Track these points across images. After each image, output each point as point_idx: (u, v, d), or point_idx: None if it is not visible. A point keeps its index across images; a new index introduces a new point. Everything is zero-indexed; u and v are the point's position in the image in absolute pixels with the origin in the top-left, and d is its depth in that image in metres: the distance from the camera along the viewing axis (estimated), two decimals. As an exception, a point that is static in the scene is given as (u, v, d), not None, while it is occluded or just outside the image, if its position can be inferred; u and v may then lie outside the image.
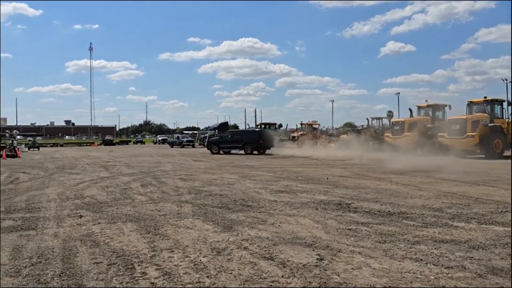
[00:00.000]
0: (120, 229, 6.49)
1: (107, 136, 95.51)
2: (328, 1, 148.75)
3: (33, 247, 5.49)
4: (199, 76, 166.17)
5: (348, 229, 6.13)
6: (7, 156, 30.38)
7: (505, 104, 23.74)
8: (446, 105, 26.91)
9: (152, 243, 5.55)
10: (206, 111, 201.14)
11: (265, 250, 5.10)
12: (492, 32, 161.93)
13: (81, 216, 7.57)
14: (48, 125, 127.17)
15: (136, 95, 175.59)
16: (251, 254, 4.94)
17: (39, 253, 5.20)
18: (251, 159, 24.27)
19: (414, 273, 4.25)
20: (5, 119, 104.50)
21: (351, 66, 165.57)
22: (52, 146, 67.51)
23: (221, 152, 30.54)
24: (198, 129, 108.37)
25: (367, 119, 35.80)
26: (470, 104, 23.35)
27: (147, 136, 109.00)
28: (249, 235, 5.89)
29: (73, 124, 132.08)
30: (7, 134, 46.31)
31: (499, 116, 22.97)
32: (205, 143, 52.46)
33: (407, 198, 8.89)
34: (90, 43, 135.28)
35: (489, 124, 21.78)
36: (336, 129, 71.14)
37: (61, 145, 70.95)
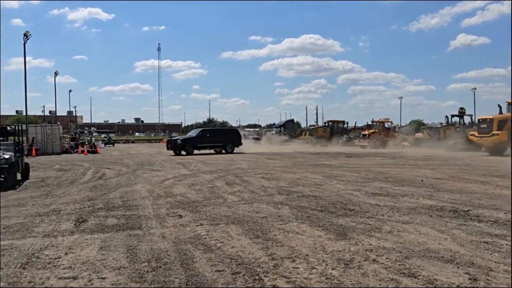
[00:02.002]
0: (226, 231, 6.20)
1: (173, 133, 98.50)
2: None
3: (146, 249, 5.33)
4: (260, 74, 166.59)
5: (484, 242, 5.39)
6: (88, 152, 32.03)
7: None
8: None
9: (267, 250, 5.18)
10: (267, 108, 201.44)
11: (399, 264, 4.53)
12: None
13: (180, 216, 7.42)
14: (119, 122, 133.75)
15: (199, 93, 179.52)
16: (385, 269, 4.40)
17: (155, 256, 5.01)
18: (326, 158, 23.56)
19: None
20: (81, 117, 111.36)
21: (417, 61, 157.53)
22: (124, 142, 70.82)
23: (194, 152, 28.46)
24: (259, 126, 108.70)
25: (446, 116, 33.71)
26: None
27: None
28: (371, 244, 5.34)
29: (142, 121, 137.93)
30: (85, 131, 49.08)
31: None
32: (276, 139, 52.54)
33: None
34: (159, 43, 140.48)
35: None
36: (402, 127, 68.06)
37: (132, 142, 74.27)
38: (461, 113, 34.02)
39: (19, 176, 13.63)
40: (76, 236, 6.07)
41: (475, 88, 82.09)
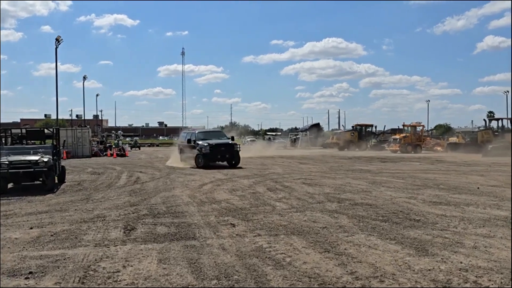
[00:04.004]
0: (289, 244, 5.69)
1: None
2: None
3: (210, 263, 4.85)
4: (281, 78, 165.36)
5: None
6: (117, 155, 32.04)
7: None
8: None
9: (346, 267, 4.63)
10: (288, 112, 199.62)
11: (509, 288, 3.92)
12: None
13: (233, 225, 6.94)
14: (143, 126, 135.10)
15: (221, 97, 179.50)
16: (496, 294, 3.80)
17: (222, 272, 4.52)
18: (360, 163, 22.79)
19: None
20: (106, 121, 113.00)
21: (443, 64, 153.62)
22: (149, 146, 71.13)
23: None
24: (281, 130, 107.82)
25: (484, 120, 32.36)
26: None
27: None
28: (461, 262, 4.74)
29: (165, 125, 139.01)
30: (112, 135, 49.44)
31: None
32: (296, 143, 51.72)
33: None
34: (183, 48, 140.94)
35: None
36: (427, 131, 66.25)
37: (157, 145, 74.61)
38: (491, 117, 32.66)
39: (56, 180, 13.44)
40: (129, 246, 5.66)
41: (508, 91, 79.39)
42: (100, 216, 7.86)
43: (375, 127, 49.51)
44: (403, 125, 41.71)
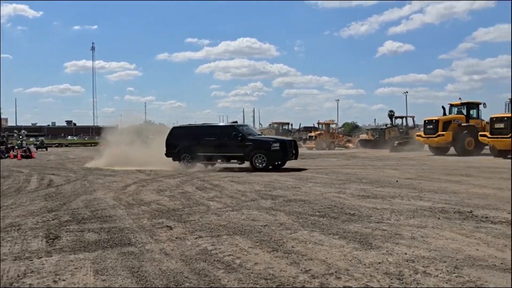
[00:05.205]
0: (234, 244, 5.47)
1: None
2: (326, 1, 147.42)
3: (155, 270, 4.46)
4: (196, 77, 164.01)
5: (520, 245, 5.13)
6: (22, 156, 29.25)
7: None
8: (480, 103, 25.95)
9: (298, 266, 4.53)
10: (204, 111, 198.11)
11: (456, 276, 4.08)
12: (490, 31, 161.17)
13: (170, 228, 6.54)
14: (49, 125, 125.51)
15: (134, 96, 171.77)
16: (447, 282, 3.93)
17: (171, 280, 4.17)
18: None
19: None
20: (6, 119, 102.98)
21: (349, 66, 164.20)
22: (57, 146, 66.26)
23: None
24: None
25: (390, 117, 34.78)
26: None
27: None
28: (406, 253, 4.88)
29: (74, 124, 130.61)
30: (15, 134, 45.09)
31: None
32: None
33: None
34: (93, 42, 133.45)
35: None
36: (338, 129, 69.96)
37: (66, 145, 69.77)
38: (391, 115, 35.35)
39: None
40: (56, 257, 5.03)
41: (407, 92, 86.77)
42: (13, 225, 6.96)
43: (291, 125, 51.07)
44: (318, 123, 43.50)
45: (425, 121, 26.42)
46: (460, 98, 26.60)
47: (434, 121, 25.36)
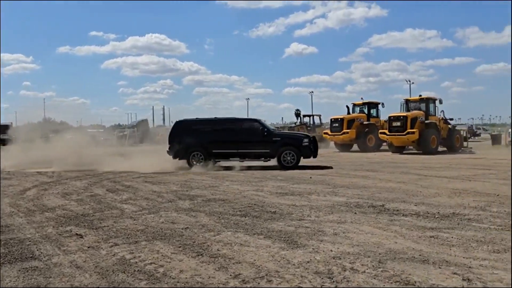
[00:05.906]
0: (155, 251, 5.10)
1: (2, 135, 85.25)
2: (236, 1, 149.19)
3: (65, 287, 3.95)
4: (102, 72, 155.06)
5: (431, 236, 5.46)
6: None
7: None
8: (379, 103, 27.98)
9: (227, 271, 4.32)
10: (110, 108, 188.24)
11: (382, 271, 4.19)
12: (383, 38, 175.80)
13: (81, 236, 5.93)
14: None
15: (31, 91, 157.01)
16: (374, 278, 4.00)
17: (86, 297, 3.71)
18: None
19: None
20: None
21: (257, 65, 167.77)
22: None
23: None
24: (103, 127, 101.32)
25: (298, 116, 36.00)
26: (407, 102, 24.53)
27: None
28: (331, 250, 4.92)
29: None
30: None
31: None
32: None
33: (429, 196, 8.53)
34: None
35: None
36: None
37: None
38: (298, 114, 36.69)
39: None
40: None
41: (312, 92, 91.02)
42: None
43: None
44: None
45: (331, 119, 27.78)
46: (362, 98, 28.45)
47: (339, 119, 26.81)
